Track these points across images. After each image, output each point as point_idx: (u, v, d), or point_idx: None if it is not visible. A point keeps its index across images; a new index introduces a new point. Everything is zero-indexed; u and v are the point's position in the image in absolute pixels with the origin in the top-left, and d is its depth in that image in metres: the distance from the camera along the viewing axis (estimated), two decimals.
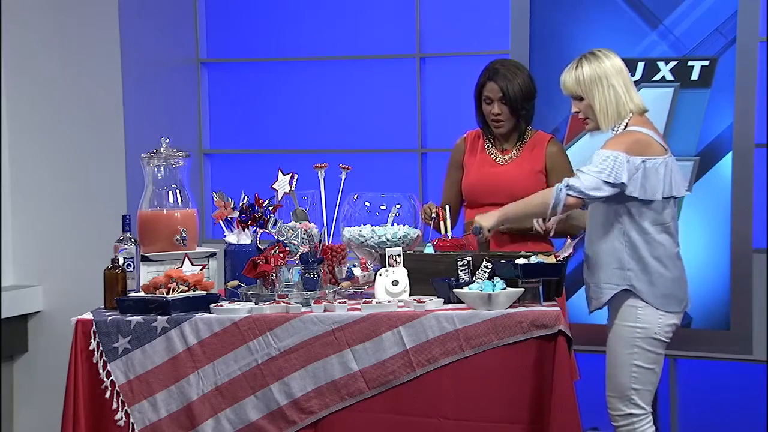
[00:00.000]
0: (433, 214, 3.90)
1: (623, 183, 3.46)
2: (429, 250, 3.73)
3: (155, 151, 3.85)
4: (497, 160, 4.13)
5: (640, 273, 3.53)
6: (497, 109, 4.05)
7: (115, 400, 3.41)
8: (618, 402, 3.55)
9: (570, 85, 3.62)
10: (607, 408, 3.60)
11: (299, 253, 3.53)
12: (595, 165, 3.48)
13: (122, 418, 3.41)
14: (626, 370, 3.53)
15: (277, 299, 3.45)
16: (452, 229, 3.94)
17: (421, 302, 3.40)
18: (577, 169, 3.52)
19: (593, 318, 4.08)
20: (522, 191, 4.05)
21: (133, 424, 3.41)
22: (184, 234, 3.78)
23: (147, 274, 3.67)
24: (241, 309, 3.42)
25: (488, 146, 4.16)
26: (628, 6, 4.56)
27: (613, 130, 3.60)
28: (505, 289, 3.36)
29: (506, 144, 4.15)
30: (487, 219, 3.65)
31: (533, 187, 4.06)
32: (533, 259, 3.44)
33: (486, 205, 4.06)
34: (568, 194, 3.47)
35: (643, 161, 3.49)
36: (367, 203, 3.81)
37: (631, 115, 3.58)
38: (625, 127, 3.57)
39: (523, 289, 3.40)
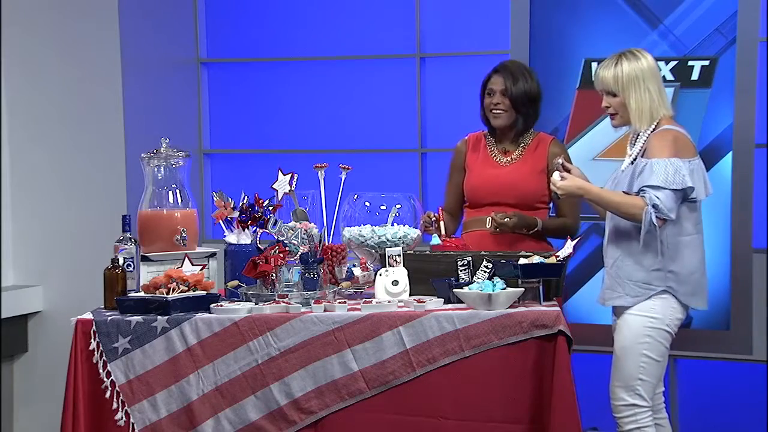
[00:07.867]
0: (433, 219, 3.89)
1: (691, 186, 3.48)
2: (435, 241, 3.74)
3: (155, 151, 3.85)
4: (499, 161, 4.14)
5: (677, 274, 3.54)
6: (497, 99, 4.07)
7: (115, 400, 3.42)
8: (623, 392, 3.55)
9: (608, 82, 3.61)
10: (609, 399, 3.60)
11: (299, 253, 3.52)
12: (658, 176, 3.46)
13: (122, 418, 3.41)
14: (635, 360, 3.53)
15: (277, 299, 3.45)
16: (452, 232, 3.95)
17: (421, 302, 3.39)
18: (646, 186, 3.47)
19: (593, 318, 4.08)
20: (524, 192, 4.06)
21: (133, 424, 3.41)
22: (184, 234, 3.78)
23: (147, 274, 3.67)
24: (241, 309, 3.42)
25: (490, 148, 4.17)
26: (628, 6, 4.55)
27: (645, 131, 3.60)
28: (505, 289, 3.36)
29: (508, 145, 4.15)
30: (572, 181, 3.59)
31: (536, 188, 4.07)
32: (533, 259, 3.44)
33: (488, 206, 4.08)
34: (657, 217, 3.46)
35: (689, 161, 3.52)
36: (367, 203, 3.81)
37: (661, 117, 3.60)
38: (656, 126, 3.58)
39: (523, 289, 3.40)
